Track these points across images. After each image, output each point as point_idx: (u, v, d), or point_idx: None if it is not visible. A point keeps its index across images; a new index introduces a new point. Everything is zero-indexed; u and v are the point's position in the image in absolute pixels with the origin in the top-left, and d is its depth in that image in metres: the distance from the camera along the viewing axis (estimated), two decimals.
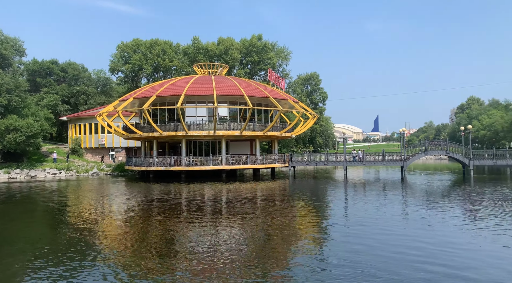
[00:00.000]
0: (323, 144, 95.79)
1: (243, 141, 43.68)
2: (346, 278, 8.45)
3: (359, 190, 27.59)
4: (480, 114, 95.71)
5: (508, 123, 72.64)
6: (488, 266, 9.24)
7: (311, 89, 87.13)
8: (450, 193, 24.73)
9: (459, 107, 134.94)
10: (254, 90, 40.02)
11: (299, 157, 44.47)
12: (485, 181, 33.00)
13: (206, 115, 39.69)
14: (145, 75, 77.16)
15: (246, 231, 13.62)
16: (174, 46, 76.67)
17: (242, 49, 74.98)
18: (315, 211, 18.82)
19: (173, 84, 40.52)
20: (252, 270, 9.24)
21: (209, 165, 37.77)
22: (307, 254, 10.65)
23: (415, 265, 9.27)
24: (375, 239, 12.16)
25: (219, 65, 50.13)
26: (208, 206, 20.26)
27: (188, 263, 9.82)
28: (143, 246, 11.59)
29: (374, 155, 42.14)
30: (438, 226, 14.01)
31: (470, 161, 38.71)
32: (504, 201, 20.04)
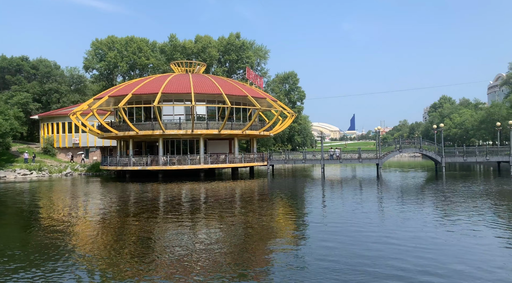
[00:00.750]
0: (301, 143, 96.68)
1: (221, 140, 43.49)
2: (323, 276, 8.54)
3: (336, 188, 27.99)
4: (452, 113, 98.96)
5: (478, 121, 75.45)
6: (456, 261, 9.56)
7: (289, 88, 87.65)
8: (424, 190, 25.47)
9: (432, 106, 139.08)
10: (233, 88, 39.90)
11: (277, 155, 44.68)
12: (456, 178, 34.18)
13: (183, 114, 39.25)
14: (121, 73, 75.57)
15: (224, 230, 13.57)
16: (150, 44, 75.43)
17: (220, 47, 74.57)
18: (293, 209, 18.96)
19: (150, 83, 39.85)
20: (230, 269, 9.21)
21: (187, 164, 37.40)
22: (285, 252, 10.71)
23: (388, 262, 9.48)
24: (351, 236, 12.38)
25: (197, 63, 49.68)
26: (185, 206, 20.06)
27: (165, 263, 9.69)
28: (118, 247, 11.35)
29: (350, 153, 42.87)
30: (412, 223, 14.39)
31: (442, 158, 40.00)
32: (473, 197, 20.81)
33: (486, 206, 17.87)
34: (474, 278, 8.23)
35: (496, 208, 17.38)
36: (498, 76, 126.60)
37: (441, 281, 8.08)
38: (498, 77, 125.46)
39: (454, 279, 8.18)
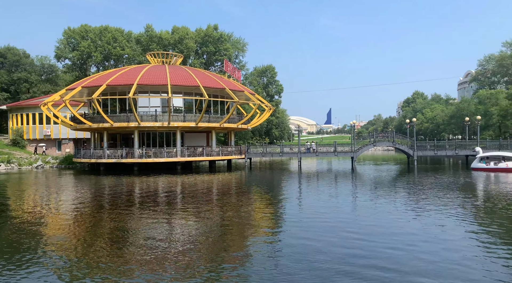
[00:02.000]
0: (279, 136, 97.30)
1: (199, 133, 43.21)
2: (298, 270, 8.72)
3: (312, 181, 28.45)
4: (424, 108, 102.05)
5: (448, 116, 78.18)
6: (423, 251, 9.98)
7: (267, 82, 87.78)
8: (396, 182, 26.28)
9: (405, 101, 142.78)
10: (210, 81, 39.61)
11: (255, 148, 44.86)
12: (427, 170, 35.43)
13: (160, 106, 38.70)
14: (95, 64, 73.42)
15: (201, 224, 13.58)
16: (125, 34, 73.52)
17: (197, 39, 73.63)
18: (270, 202, 19.16)
19: (125, 73, 38.98)
20: (207, 262, 9.27)
21: (163, 157, 36.98)
22: (262, 246, 10.83)
23: (360, 252, 9.79)
24: (326, 229, 12.65)
25: (174, 54, 48.93)
26: (162, 199, 19.90)
27: (141, 258, 9.63)
28: (92, 242, 11.16)
29: (326, 147, 43.61)
30: (382, 215, 14.87)
31: (414, 152, 41.32)
32: (443, 189, 21.67)
33: (450, 197, 18.66)
34: (441, 267, 8.64)
35: (459, 199, 18.19)
36: (468, 73, 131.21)
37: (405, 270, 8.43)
38: (468, 73, 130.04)
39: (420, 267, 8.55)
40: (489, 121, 61.89)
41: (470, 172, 33.11)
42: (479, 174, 31.45)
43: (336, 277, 8.02)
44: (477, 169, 34.11)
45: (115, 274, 8.43)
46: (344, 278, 7.96)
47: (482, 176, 29.57)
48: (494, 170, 33.25)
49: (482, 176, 29.95)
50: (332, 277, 8.00)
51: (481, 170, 33.65)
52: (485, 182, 26.14)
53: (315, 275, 8.17)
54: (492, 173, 32.09)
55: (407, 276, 8.05)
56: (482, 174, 31.07)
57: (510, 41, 75.26)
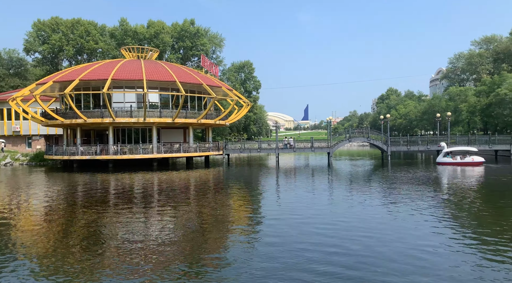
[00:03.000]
0: (257, 132, 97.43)
1: (175, 129, 42.71)
2: (276, 268, 8.81)
3: (290, 176, 28.73)
4: (398, 104, 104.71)
5: (421, 112, 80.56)
6: (395, 240, 10.32)
7: (245, 78, 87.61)
8: (370, 177, 26.92)
9: (380, 98, 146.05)
10: (187, 76, 39.16)
11: (233, 144, 44.79)
12: (400, 165, 36.45)
13: (135, 101, 37.98)
14: (67, 58, 71.04)
15: (178, 222, 13.49)
16: (99, 27, 71.50)
17: (173, 33, 72.54)
18: (248, 198, 19.24)
19: (99, 68, 37.97)
20: (184, 260, 9.24)
21: (139, 153, 36.37)
22: (239, 243, 10.87)
23: (335, 245, 10.02)
24: (305, 225, 12.83)
25: (149, 49, 48.03)
26: (137, 196, 19.59)
27: (117, 257, 9.48)
28: (66, 242, 10.89)
29: (304, 142, 44.08)
30: (356, 209, 15.23)
31: (388, 147, 42.38)
32: (415, 184, 22.39)
33: (422, 191, 19.33)
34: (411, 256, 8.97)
35: (432, 193, 18.87)
36: (439, 70, 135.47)
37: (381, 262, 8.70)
38: (439, 71, 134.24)
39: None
40: (458, 117, 64.22)
41: (439, 166, 34.32)
42: (446, 168, 32.65)
43: (313, 274, 8.17)
44: (443, 163, 35.39)
45: (89, 274, 8.27)
46: (320, 275, 8.12)
47: (449, 170, 30.73)
48: (461, 164, 34.66)
49: (450, 169, 31.13)
50: (310, 275, 8.14)
51: (447, 164, 34.97)
52: (455, 175, 27.14)
53: (292, 271, 8.29)
54: (458, 166, 33.44)
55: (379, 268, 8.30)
56: (449, 168, 32.29)
57: (478, 40, 78.16)
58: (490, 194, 19.40)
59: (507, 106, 46.97)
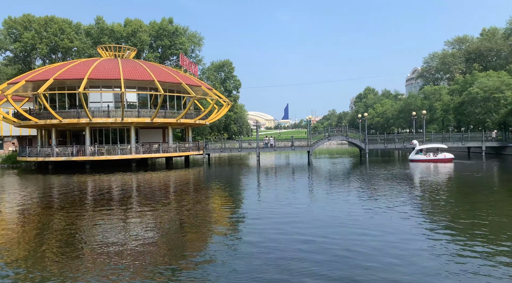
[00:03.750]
0: (238, 131, 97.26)
1: (154, 129, 42.14)
2: (257, 268, 8.82)
3: (270, 175, 28.86)
4: (375, 103, 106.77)
5: (397, 111, 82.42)
6: (371, 235, 10.56)
7: (225, 77, 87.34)
8: (349, 175, 27.38)
9: (358, 97, 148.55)
10: (166, 75, 38.71)
11: (213, 144, 44.59)
12: (378, 163, 37.22)
13: (112, 101, 37.25)
14: (40, 56, 68.87)
15: (158, 223, 13.33)
16: (74, 26, 69.62)
17: (151, 32, 71.47)
18: (229, 198, 19.21)
19: (74, 67, 37.04)
20: (164, 262, 9.14)
21: (117, 154, 35.69)
22: (220, 243, 10.83)
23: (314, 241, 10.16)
24: (285, 224, 12.91)
25: (127, 48, 47.17)
26: (116, 198, 19.24)
27: (95, 260, 9.29)
28: (40, 246, 10.57)
29: (284, 141, 44.41)
30: (338, 208, 15.48)
31: (366, 145, 43.19)
32: (392, 180, 22.92)
33: (396, 188, 19.83)
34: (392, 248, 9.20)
35: (404, 189, 19.38)
36: (415, 69, 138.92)
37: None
38: (415, 70, 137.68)
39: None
40: (433, 116, 66.08)
41: (411, 163, 35.22)
42: (418, 164, 33.58)
43: (293, 273, 8.25)
44: (415, 160, 36.40)
45: (66, 277, 8.07)
46: (300, 275, 8.21)
47: (422, 167, 31.62)
48: (432, 160, 35.81)
49: (423, 166, 32.03)
50: (290, 274, 8.22)
51: (420, 161, 35.99)
52: (429, 172, 27.93)
53: (273, 271, 8.35)
54: (431, 163, 34.52)
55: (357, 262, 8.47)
56: (422, 165, 33.23)
57: (451, 41, 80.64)
58: (464, 189, 20.07)
59: (479, 104, 48.66)
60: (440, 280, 7.45)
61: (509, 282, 7.32)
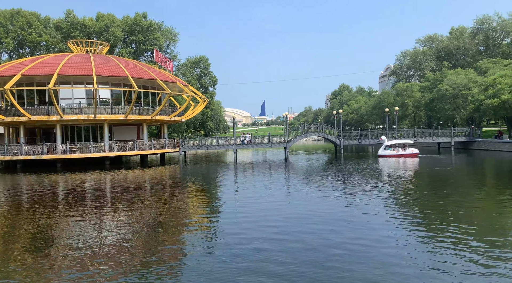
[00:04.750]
0: (214, 128, 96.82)
1: (129, 126, 41.29)
2: (234, 267, 8.81)
3: (248, 172, 28.90)
4: (349, 100, 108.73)
5: (371, 107, 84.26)
6: (347, 230, 10.80)
7: (201, 73, 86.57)
8: (325, 171, 27.80)
9: (333, 94, 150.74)
10: (140, 71, 37.95)
11: (190, 141, 44.16)
12: (352, 158, 37.97)
13: (84, 97, 36.21)
14: (6, 51, 65.92)
15: (133, 222, 13.08)
16: (42, 19, 67.01)
17: (125, 27, 69.79)
18: (205, 196, 19.10)
19: (44, 62, 35.71)
20: (139, 262, 9.00)
21: (89, 152, 34.76)
22: (196, 242, 10.73)
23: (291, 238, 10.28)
24: (263, 220, 12.98)
25: (99, 43, 45.88)
26: (88, 197, 18.74)
27: (68, 261, 9.03)
28: (12, 248, 10.17)
29: (261, 138, 44.50)
30: (314, 204, 15.70)
31: (341, 141, 43.96)
32: (365, 175, 23.45)
33: (369, 182, 20.33)
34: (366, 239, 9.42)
35: (378, 184, 19.89)
36: (387, 67, 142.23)
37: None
38: (387, 68, 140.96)
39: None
40: (405, 112, 67.97)
41: (380, 158, 36.15)
42: (387, 160, 34.57)
43: (271, 271, 8.31)
44: (384, 156, 37.44)
45: (38, 279, 7.81)
46: (274, 274, 8.27)
47: (392, 162, 32.59)
48: (401, 155, 37.07)
49: (392, 161, 32.99)
50: (268, 272, 8.27)
51: (388, 156, 37.06)
52: (399, 166, 28.78)
53: (249, 271, 8.38)
54: (399, 158, 35.67)
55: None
56: (390, 160, 34.24)
57: (422, 39, 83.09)
58: (434, 182, 20.78)
59: (448, 101, 50.46)
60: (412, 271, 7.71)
61: (479, 269, 7.66)
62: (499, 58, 59.84)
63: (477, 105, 46.39)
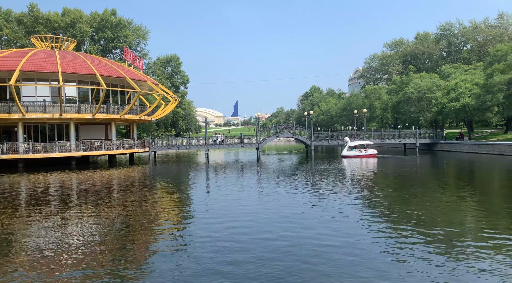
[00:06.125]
0: (186, 128, 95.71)
1: (96, 125, 40.08)
2: (203, 270, 8.77)
3: (220, 172, 28.78)
4: (320, 102, 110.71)
5: (340, 109, 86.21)
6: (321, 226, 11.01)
7: (172, 72, 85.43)
8: (296, 171, 28.16)
9: (304, 95, 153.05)
10: (109, 69, 36.93)
11: (160, 141, 43.42)
12: (323, 159, 38.69)
13: (49, 95, 34.83)
14: None
15: (99, 224, 12.70)
16: (3, 12, 63.85)
17: (93, 23, 67.73)
18: (175, 197, 18.85)
19: (4, 58, 34.04)
20: (106, 265, 8.77)
21: (54, 151, 33.44)
22: (165, 245, 10.55)
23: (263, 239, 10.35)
24: (234, 222, 12.97)
25: (65, 39, 44.26)
26: (52, 198, 18.01)
27: (30, 264, 8.64)
28: None
29: (233, 138, 44.46)
30: (286, 202, 15.88)
31: (311, 142, 44.69)
32: (333, 176, 23.97)
33: (337, 182, 20.82)
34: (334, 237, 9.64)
35: (346, 184, 20.40)
36: (357, 70, 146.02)
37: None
38: (356, 70, 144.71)
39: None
40: (373, 114, 70.05)
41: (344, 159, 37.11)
42: (350, 160, 35.58)
43: (240, 274, 8.33)
44: (348, 157, 38.50)
45: None
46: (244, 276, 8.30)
47: (356, 162, 33.61)
48: (362, 156, 38.36)
49: (356, 161, 34.01)
50: (238, 275, 8.29)
51: (351, 157, 38.19)
52: (362, 167, 29.64)
53: (220, 272, 8.36)
54: (362, 159, 36.88)
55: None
56: (354, 160, 35.27)
57: (389, 43, 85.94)
58: (401, 182, 21.54)
59: (413, 104, 52.45)
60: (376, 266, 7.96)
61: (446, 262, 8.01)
62: (460, 64, 62.92)
63: (440, 108, 48.52)
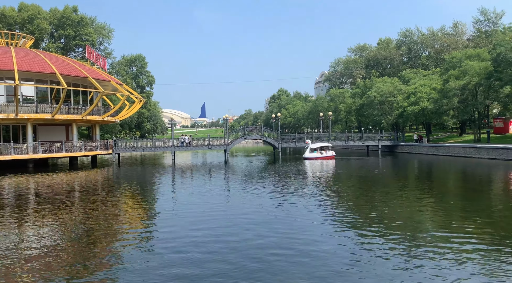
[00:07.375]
0: (151, 129, 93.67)
1: (56, 126, 38.33)
2: (168, 276, 8.62)
3: (186, 175, 28.38)
4: (287, 104, 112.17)
5: (307, 112, 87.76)
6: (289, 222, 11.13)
7: (137, 72, 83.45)
8: (263, 172, 28.32)
9: (272, 97, 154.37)
10: (70, 68, 35.48)
11: (124, 143, 42.21)
12: (290, 160, 39.17)
13: (4, 94, 33.01)
14: None
15: (59, 230, 12.12)
16: None
17: (52, 20, 64.82)
18: (139, 201, 18.36)
19: None
20: (66, 273, 8.39)
21: (9, 154, 31.64)
22: (129, 251, 10.22)
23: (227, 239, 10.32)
24: (201, 223, 12.84)
25: (22, 35, 42.05)
26: (7, 203, 17.00)
27: None
28: None
29: (201, 140, 44.06)
30: (253, 204, 15.92)
31: (279, 144, 45.14)
32: (300, 176, 24.31)
33: (304, 184, 21.20)
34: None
35: (312, 186, 20.81)
36: (322, 73, 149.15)
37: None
38: (322, 74, 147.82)
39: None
40: (338, 116, 71.87)
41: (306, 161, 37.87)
42: (312, 162, 36.38)
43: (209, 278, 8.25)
44: (309, 158, 39.38)
45: None
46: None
47: (317, 164, 34.39)
48: (322, 158, 39.43)
49: (317, 163, 34.82)
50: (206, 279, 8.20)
51: (313, 159, 39.11)
52: (322, 168, 30.36)
53: (188, 277, 8.25)
54: (322, 160, 37.83)
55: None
56: (315, 162, 36.10)
57: (353, 48, 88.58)
58: (360, 183, 22.23)
59: (376, 107, 54.34)
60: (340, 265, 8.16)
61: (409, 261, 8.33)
62: (419, 69, 65.94)
63: (401, 111, 50.58)
